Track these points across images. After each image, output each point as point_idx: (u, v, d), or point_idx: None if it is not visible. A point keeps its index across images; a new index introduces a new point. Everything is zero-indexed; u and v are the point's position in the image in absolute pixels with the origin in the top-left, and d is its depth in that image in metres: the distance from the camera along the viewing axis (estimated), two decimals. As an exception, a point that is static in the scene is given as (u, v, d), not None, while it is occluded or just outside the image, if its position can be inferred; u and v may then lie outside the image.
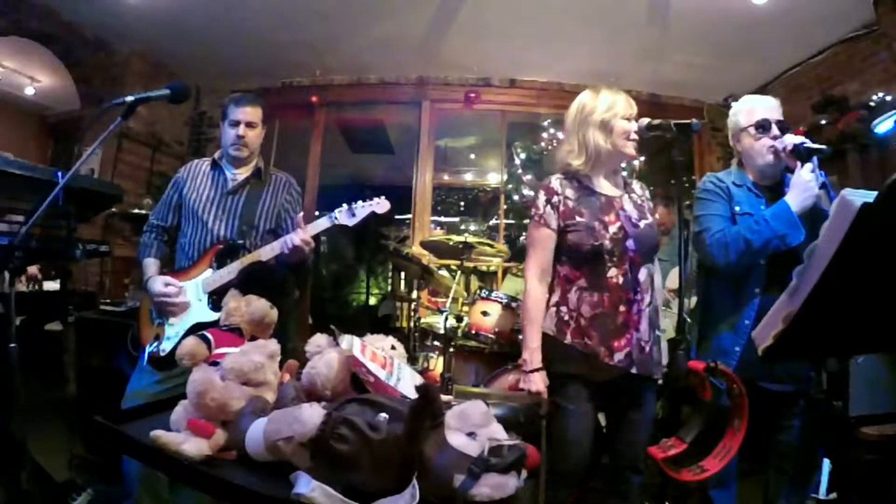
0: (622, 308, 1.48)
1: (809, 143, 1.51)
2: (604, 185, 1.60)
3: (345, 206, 1.73)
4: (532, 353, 1.50)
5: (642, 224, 1.56)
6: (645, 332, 1.50)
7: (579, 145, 1.57)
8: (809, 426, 1.58)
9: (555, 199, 1.55)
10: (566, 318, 1.51)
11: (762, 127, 1.61)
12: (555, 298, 1.55)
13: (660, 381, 1.59)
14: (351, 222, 1.71)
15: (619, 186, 1.63)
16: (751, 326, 1.53)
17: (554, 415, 1.47)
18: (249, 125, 1.85)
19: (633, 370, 1.47)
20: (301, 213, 1.76)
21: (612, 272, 1.49)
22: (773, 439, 1.62)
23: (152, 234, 1.90)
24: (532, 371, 1.49)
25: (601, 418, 1.65)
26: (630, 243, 1.50)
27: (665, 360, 1.59)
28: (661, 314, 1.63)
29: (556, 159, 1.67)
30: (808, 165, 1.48)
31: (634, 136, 1.55)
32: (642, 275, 1.52)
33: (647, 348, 1.50)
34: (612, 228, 1.51)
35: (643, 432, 1.54)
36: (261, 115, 1.89)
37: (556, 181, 1.58)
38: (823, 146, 1.52)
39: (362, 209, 1.72)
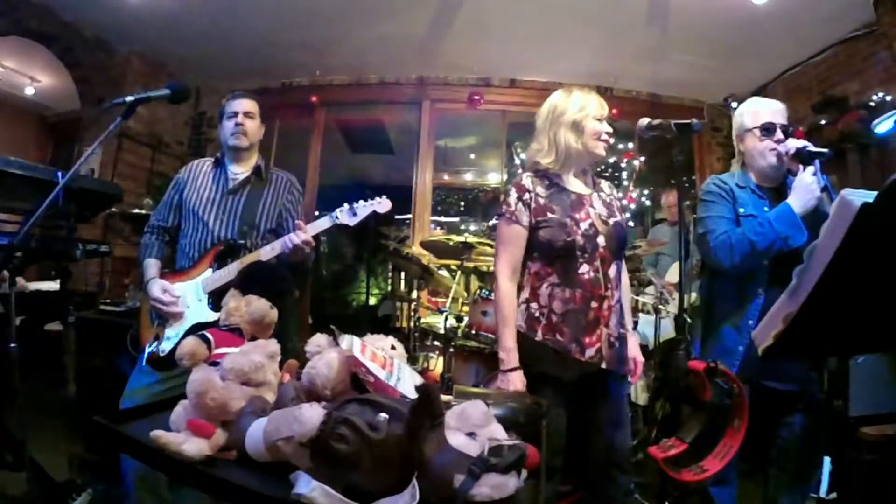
0: (593, 304, 1.49)
1: (812, 147, 1.53)
2: (574, 183, 1.62)
3: (346, 205, 1.72)
4: (508, 353, 1.49)
5: (612, 221, 1.58)
6: (614, 327, 1.52)
7: (549, 144, 1.59)
8: (810, 425, 1.59)
9: (526, 196, 1.55)
10: (537, 314, 1.51)
11: (767, 130, 1.63)
12: (524, 295, 1.55)
13: (630, 379, 1.61)
14: (352, 222, 1.71)
15: (588, 185, 1.65)
16: (754, 326, 1.54)
17: None
18: (247, 115, 1.87)
19: (603, 365, 1.49)
20: (302, 217, 1.76)
21: (584, 268, 1.50)
22: (775, 438, 1.63)
23: (153, 235, 1.90)
24: (510, 370, 1.48)
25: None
26: (601, 240, 1.52)
27: (633, 355, 1.60)
28: (629, 312, 1.66)
29: (526, 157, 1.70)
30: (811, 168, 1.50)
31: (605, 136, 1.57)
32: (612, 271, 1.54)
33: (617, 344, 1.52)
34: (584, 225, 1.52)
35: (619, 429, 1.54)
36: (258, 109, 1.91)
37: (526, 179, 1.58)
38: (825, 150, 1.54)
39: (364, 209, 1.71)
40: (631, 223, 4.69)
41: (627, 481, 1.57)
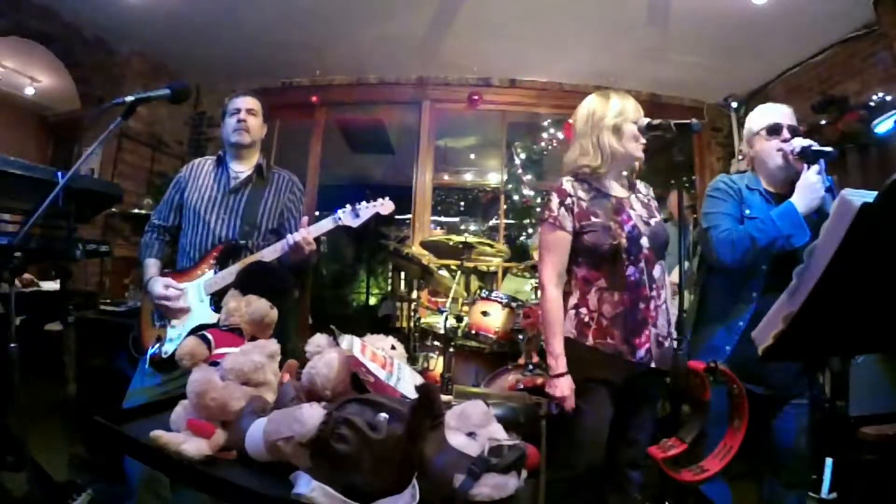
0: (641, 305, 1.50)
1: (816, 146, 1.53)
2: (613, 187, 1.63)
3: (348, 206, 1.71)
4: (557, 359, 1.49)
5: (652, 222, 1.60)
6: (662, 327, 1.53)
7: (594, 147, 1.57)
8: (810, 425, 1.59)
9: (568, 200, 1.55)
10: (587, 319, 1.51)
11: (773, 130, 1.64)
12: (573, 301, 1.55)
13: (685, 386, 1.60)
14: (355, 223, 1.70)
15: (625, 187, 1.66)
16: (744, 328, 1.54)
17: (570, 418, 1.48)
18: (250, 112, 1.87)
19: (653, 365, 1.49)
20: (305, 218, 1.76)
21: (630, 270, 1.51)
22: (773, 436, 1.62)
23: (153, 234, 1.89)
24: (557, 375, 1.48)
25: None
26: (644, 241, 1.53)
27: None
28: (673, 313, 1.64)
29: (566, 162, 1.66)
30: (815, 168, 1.50)
31: (642, 139, 1.58)
32: (657, 272, 1.55)
33: (665, 343, 1.52)
34: (627, 227, 1.53)
35: (649, 429, 1.56)
36: (260, 107, 1.90)
37: (567, 183, 1.57)
38: (830, 149, 1.53)
39: (366, 210, 1.71)
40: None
41: (638, 477, 1.57)
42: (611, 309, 1.50)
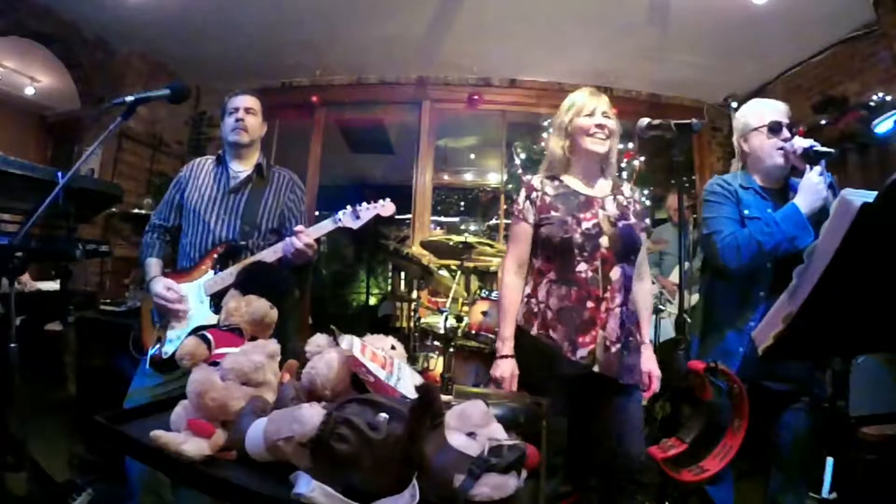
0: (589, 304, 1.49)
1: (819, 147, 1.52)
2: (583, 184, 1.63)
3: (349, 207, 1.71)
4: (504, 341, 1.56)
5: (621, 224, 1.56)
6: (613, 332, 1.49)
7: (553, 149, 1.67)
8: (811, 425, 1.59)
9: (534, 195, 1.62)
10: (535, 309, 1.55)
11: (773, 129, 1.62)
12: (527, 290, 1.59)
13: (643, 390, 1.58)
14: (355, 225, 1.70)
15: (602, 187, 1.65)
16: (755, 328, 1.54)
17: None
18: (248, 111, 1.85)
19: (595, 369, 1.47)
20: (300, 227, 1.75)
21: (582, 267, 1.51)
22: (775, 437, 1.62)
23: (154, 234, 1.89)
24: (502, 357, 1.54)
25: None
26: (604, 240, 1.52)
27: (648, 369, 1.59)
28: (648, 322, 1.64)
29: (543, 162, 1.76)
30: (817, 168, 1.50)
31: (594, 129, 1.58)
32: (615, 274, 1.52)
33: (614, 349, 1.49)
34: (586, 224, 1.53)
35: (624, 439, 1.50)
36: (260, 106, 1.89)
37: (536, 179, 1.66)
38: (832, 150, 1.53)
39: (367, 211, 1.70)
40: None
41: (636, 490, 1.53)
42: (557, 302, 1.51)
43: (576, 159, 1.63)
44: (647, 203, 4.81)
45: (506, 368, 1.53)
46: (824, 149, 1.52)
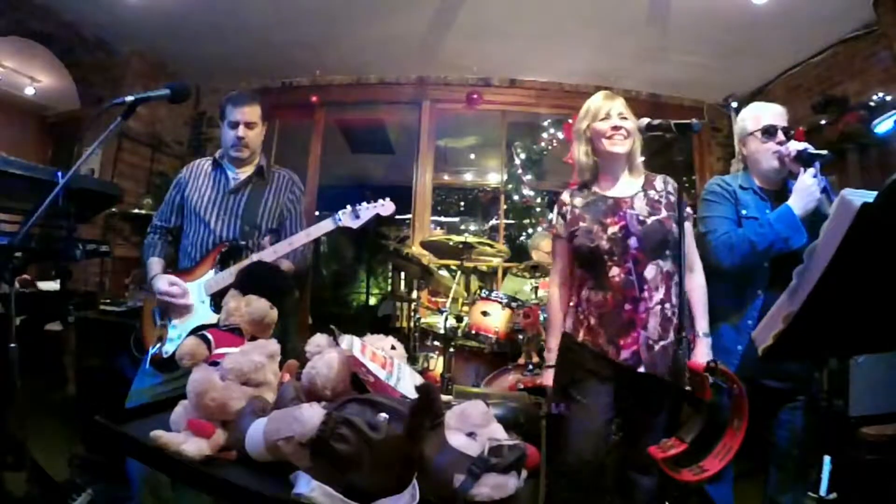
0: (627, 306, 1.50)
1: (812, 149, 1.55)
2: (612, 188, 1.64)
3: (349, 207, 1.71)
4: (549, 352, 1.65)
5: (650, 221, 1.54)
6: (654, 330, 1.49)
7: (577, 158, 1.68)
8: (808, 424, 1.59)
9: (563, 209, 1.67)
10: (581, 317, 1.59)
11: (768, 132, 1.65)
12: (574, 300, 1.64)
13: (686, 386, 1.56)
14: (355, 224, 1.70)
15: (631, 186, 1.63)
16: (753, 326, 1.55)
17: (565, 413, 1.51)
18: (248, 125, 1.84)
19: (641, 369, 1.48)
20: (299, 224, 1.75)
21: (614, 271, 1.51)
22: (773, 436, 1.63)
23: (156, 235, 1.90)
24: (548, 367, 1.63)
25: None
26: (633, 241, 1.52)
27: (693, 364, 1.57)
28: (703, 314, 1.57)
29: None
30: (811, 170, 1.52)
31: (612, 132, 1.58)
32: (650, 272, 1.51)
33: (657, 347, 1.48)
34: (612, 229, 1.54)
35: (653, 435, 1.49)
36: (259, 114, 1.87)
37: (566, 194, 1.69)
38: (825, 151, 1.55)
39: (367, 211, 1.70)
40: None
41: (650, 485, 1.55)
42: (596, 309, 1.54)
43: (601, 163, 1.65)
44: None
45: (549, 378, 1.62)
46: (817, 151, 1.54)
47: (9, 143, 5.20)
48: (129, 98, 1.42)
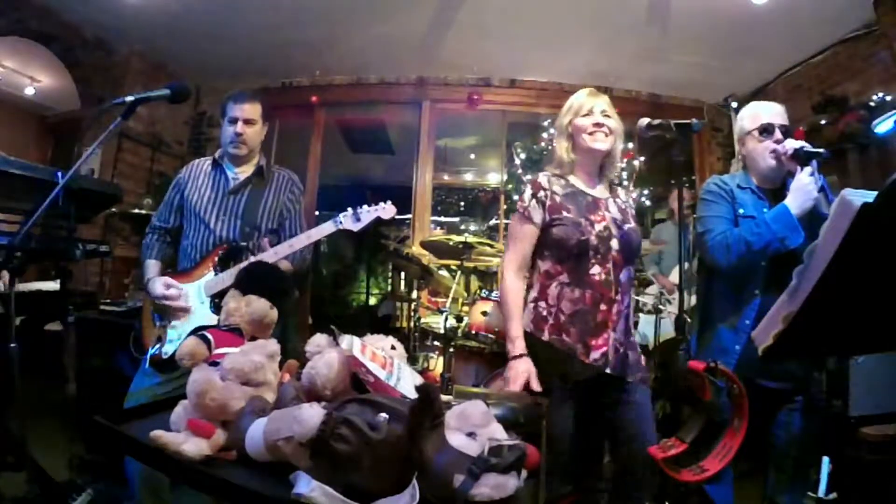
0: (602, 307, 1.48)
1: (809, 147, 1.54)
2: (588, 185, 1.63)
3: (350, 210, 1.70)
4: (514, 341, 1.48)
5: (626, 227, 1.57)
6: (621, 333, 1.51)
7: (557, 151, 1.65)
8: (808, 425, 1.59)
9: (541, 193, 1.56)
10: (544, 313, 1.51)
11: (765, 131, 1.65)
12: (533, 294, 1.55)
13: (645, 386, 1.57)
14: (356, 227, 1.69)
15: (604, 189, 1.66)
16: (751, 326, 1.55)
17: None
18: (248, 122, 1.83)
19: (608, 370, 1.47)
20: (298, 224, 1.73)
21: (596, 269, 1.50)
22: (773, 437, 1.63)
23: (154, 236, 1.89)
24: (515, 357, 1.47)
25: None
26: (614, 243, 1.52)
27: (642, 364, 1.58)
28: (634, 318, 1.65)
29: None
30: (808, 169, 1.51)
31: (593, 128, 1.57)
32: (623, 276, 1.53)
33: (622, 350, 1.50)
34: (599, 226, 1.52)
35: (637, 438, 1.49)
36: (260, 112, 1.86)
37: (543, 177, 1.60)
38: (822, 150, 1.54)
39: (368, 214, 1.70)
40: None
41: (644, 490, 1.51)
42: (570, 305, 1.48)
43: (579, 159, 1.63)
44: (648, 203, 4.84)
45: (521, 368, 1.46)
46: (814, 149, 1.53)
47: (9, 143, 5.20)
48: (129, 98, 1.42)
